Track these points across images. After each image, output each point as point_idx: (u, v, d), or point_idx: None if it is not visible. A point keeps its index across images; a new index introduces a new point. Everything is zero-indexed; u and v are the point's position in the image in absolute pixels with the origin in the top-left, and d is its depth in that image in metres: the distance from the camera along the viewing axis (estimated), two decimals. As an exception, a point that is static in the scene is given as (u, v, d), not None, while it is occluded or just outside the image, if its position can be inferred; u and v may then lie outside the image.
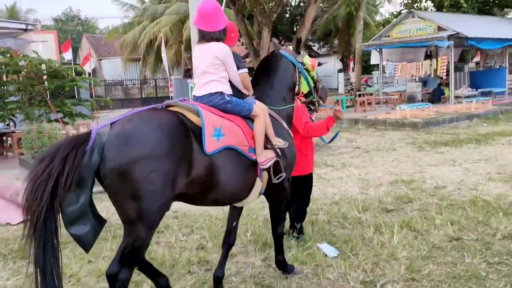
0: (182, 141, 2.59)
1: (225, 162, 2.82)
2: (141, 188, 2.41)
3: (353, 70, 25.40)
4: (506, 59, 19.65)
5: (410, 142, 10.17)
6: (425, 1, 26.55)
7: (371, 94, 19.17)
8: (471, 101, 14.89)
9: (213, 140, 2.73)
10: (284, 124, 3.40)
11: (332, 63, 34.51)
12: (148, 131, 2.48)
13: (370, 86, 25.96)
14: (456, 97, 17.14)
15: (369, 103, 17.07)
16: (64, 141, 2.43)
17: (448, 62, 16.64)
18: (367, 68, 31.49)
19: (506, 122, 12.55)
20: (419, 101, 17.83)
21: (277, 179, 3.16)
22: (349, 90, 24.29)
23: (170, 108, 2.88)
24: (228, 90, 3.05)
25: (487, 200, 5.21)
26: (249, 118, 3.08)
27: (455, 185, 6.09)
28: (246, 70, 3.23)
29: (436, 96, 17.52)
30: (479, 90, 18.06)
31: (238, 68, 3.14)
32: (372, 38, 21.88)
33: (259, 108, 3.10)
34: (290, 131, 3.48)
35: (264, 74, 3.53)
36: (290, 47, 3.75)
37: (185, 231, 4.77)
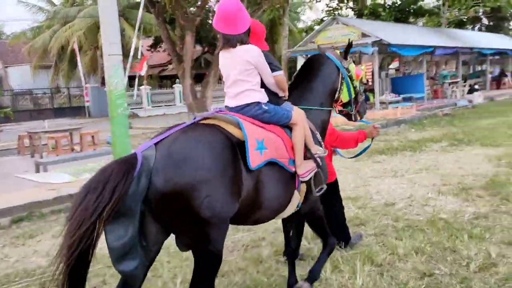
0: (231, 159, 2.38)
1: (267, 178, 2.58)
2: (196, 216, 2.22)
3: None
4: (424, 66, 20.43)
5: (345, 151, 9.72)
6: (345, 9, 27.22)
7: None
8: (397, 107, 15.05)
9: (256, 154, 2.49)
10: (317, 133, 3.09)
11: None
12: (199, 153, 2.27)
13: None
14: (381, 103, 17.36)
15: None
16: (112, 167, 2.16)
17: (373, 69, 16.81)
18: (292, 76, 31.56)
19: (432, 127, 12.67)
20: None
21: (318, 191, 2.94)
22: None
23: (208, 121, 2.58)
24: (264, 98, 2.79)
25: (445, 219, 4.69)
26: (287, 127, 2.81)
27: (405, 201, 5.57)
28: (281, 71, 2.95)
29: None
30: (401, 95, 18.50)
31: (272, 70, 2.87)
32: (297, 44, 21.75)
33: (298, 115, 2.83)
34: (322, 141, 3.14)
35: (305, 76, 3.28)
36: (337, 51, 3.45)
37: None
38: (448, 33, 24.01)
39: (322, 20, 25.45)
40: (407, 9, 24.69)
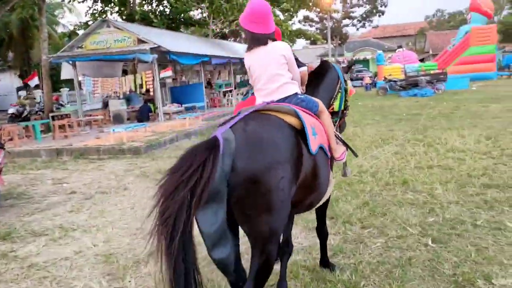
0: (296, 144, 2.43)
1: (320, 162, 2.64)
2: (274, 198, 2.19)
3: (39, 87, 21.35)
4: (202, 75, 20.25)
5: (140, 174, 8.12)
6: (111, 14, 25.09)
7: (67, 116, 16.04)
8: (185, 118, 14.10)
9: (313, 139, 2.56)
10: None
11: (9, 80, 28.75)
12: (274, 137, 2.31)
13: (62, 105, 22.35)
14: (165, 113, 16.20)
15: (69, 126, 13.93)
16: (198, 146, 2.14)
17: (153, 77, 15.48)
18: (53, 85, 27.57)
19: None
20: (127, 119, 16.02)
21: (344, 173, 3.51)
22: (37, 112, 19.98)
23: (264, 112, 2.54)
24: (299, 89, 2.93)
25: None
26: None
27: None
28: (306, 67, 3.24)
29: (144, 114, 16.06)
30: (183, 105, 17.75)
31: (298, 66, 3.01)
32: (61, 50, 18.62)
33: (321, 104, 2.98)
34: None
35: (314, 79, 3.42)
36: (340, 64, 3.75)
37: None
38: (220, 44, 24.69)
39: (87, 24, 22.73)
40: (178, 18, 24.32)
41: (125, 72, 18.68)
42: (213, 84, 24.15)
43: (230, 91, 23.17)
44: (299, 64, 3.06)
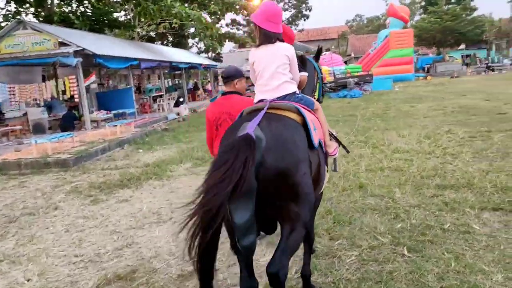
0: (306, 140, 2.61)
1: (320, 156, 2.79)
2: (300, 190, 2.40)
3: None
4: (131, 79, 19.23)
5: (72, 190, 7.32)
6: (26, 15, 23.11)
7: (-21, 126, 14.38)
8: (116, 125, 13.19)
9: (315, 134, 2.70)
10: None
11: None
12: (294, 135, 2.50)
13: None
14: (92, 121, 15.11)
15: (-18, 139, 12.45)
16: (237, 143, 2.24)
17: (78, 82, 14.35)
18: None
19: (161, 145, 11.46)
20: (49, 129, 14.71)
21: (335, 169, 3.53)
22: None
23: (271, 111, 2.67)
24: (297, 89, 3.04)
25: None
26: None
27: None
28: (306, 73, 3.42)
29: (68, 122, 14.84)
30: (112, 112, 16.69)
31: (299, 70, 3.20)
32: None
33: (317, 102, 3.14)
34: None
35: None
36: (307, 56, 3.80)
37: None
38: (148, 47, 23.71)
39: (0, 26, 20.72)
40: (102, 19, 22.96)
41: (44, 78, 17.20)
42: (142, 89, 23.12)
43: (161, 96, 22.30)
44: (300, 69, 3.23)
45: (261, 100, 2.89)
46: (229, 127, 2.75)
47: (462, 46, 48.29)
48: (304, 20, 50.57)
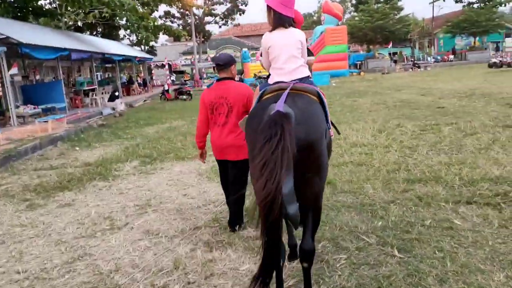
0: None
1: (329, 135, 2.99)
2: (322, 160, 2.67)
3: None
4: (60, 71, 17.79)
5: (1, 194, 6.44)
6: None
7: None
8: (46, 121, 12.04)
9: (328, 115, 2.93)
10: None
11: None
12: (318, 112, 2.71)
13: None
14: (19, 117, 13.75)
15: None
16: (281, 118, 2.37)
17: (2, 74, 12.94)
18: None
19: (100, 142, 10.58)
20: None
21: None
22: None
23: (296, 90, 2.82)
24: (309, 72, 3.14)
25: None
26: None
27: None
28: (314, 57, 3.72)
29: (-10, 118, 13.39)
30: (40, 107, 15.31)
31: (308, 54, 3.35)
32: None
33: None
34: None
35: None
36: None
37: None
38: (78, 37, 22.16)
39: None
40: (25, 7, 21.06)
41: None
42: (72, 82, 21.59)
43: (93, 89, 20.95)
44: (309, 53, 3.40)
45: (277, 82, 2.94)
46: (256, 106, 2.89)
47: (390, 44, 50.58)
48: (240, 14, 50.14)
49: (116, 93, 20.16)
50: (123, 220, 4.92)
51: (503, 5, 48.64)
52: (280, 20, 3.02)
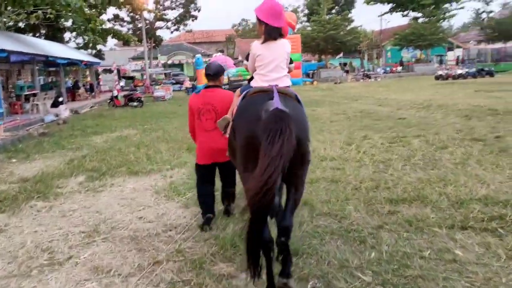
0: None
1: None
2: (308, 156, 3.05)
3: None
4: (-3, 74, 16.25)
5: None
6: None
7: None
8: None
9: None
10: None
11: None
12: (303, 114, 3.10)
13: None
14: None
15: None
16: (285, 115, 2.66)
17: None
18: None
19: (40, 154, 9.47)
20: None
21: None
22: None
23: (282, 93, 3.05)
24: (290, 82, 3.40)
25: None
26: None
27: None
28: (293, 64, 3.71)
29: None
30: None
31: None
32: None
33: None
34: None
35: None
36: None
37: None
38: (19, 38, 20.52)
39: None
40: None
41: None
42: (11, 86, 19.88)
43: (35, 94, 19.39)
44: (290, 60, 3.50)
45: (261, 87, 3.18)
46: (247, 100, 3.14)
47: (340, 54, 51.57)
48: (192, 20, 49.26)
49: (60, 99, 18.71)
50: (65, 253, 4.09)
51: (446, 20, 51.14)
52: (270, 31, 3.23)
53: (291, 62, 3.52)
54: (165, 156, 8.16)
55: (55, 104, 18.42)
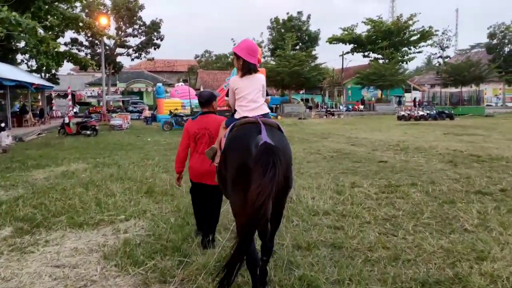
0: None
1: None
2: (292, 182, 3.50)
3: None
4: None
5: None
6: None
7: None
8: None
9: None
10: None
11: None
12: (287, 142, 3.48)
13: None
14: None
15: None
16: (275, 149, 3.04)
17: None
18: None
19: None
20: None
21: None
22: None
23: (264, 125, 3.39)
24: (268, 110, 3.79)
25: None
26: None
27: None
28: (269, 96, 4.13)
29: None
30: None
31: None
32: None
33: None
34: None
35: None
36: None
37: None
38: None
39: None
40: None
41: None
42: None
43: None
44: (266, 92, 3.90)
45: (244, 117, 3.54)
46: (235, 132, 3.45)
47: (302, 90, 51.66)
48: (155, 49, 47.90)
49: (2, 124, 16.76)
50: None
51: (404, 62, 52.72)
52: (248, 67, 3.67)
53: (267, 94, 3.90)
54: (120, 201, 6.71)
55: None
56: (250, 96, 3.59)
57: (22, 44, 30.28)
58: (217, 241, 4.81)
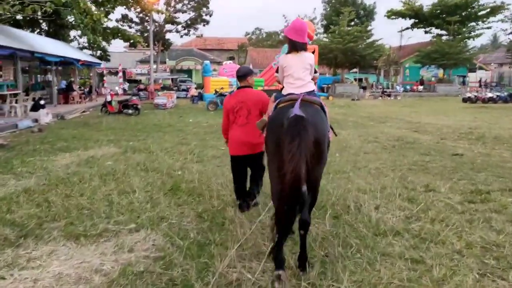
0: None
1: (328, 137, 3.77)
2: (325, 155, 3.51)
3: None
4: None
5: None
6: None
7: None
8: None
9: (328, 120, 3.76)
10: None
11: None
12: (321, 117, 3.53)
13: None
14: None
15: None
16: (303, 119, 3.21)
17: None
18: None
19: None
20: None
21: None
22: None
23: (305, 100, 3.57)
24: (315, 87, 3.94)
25: None
26: None
27: None
28: (318, 74, 4.43)
29: None
30: None
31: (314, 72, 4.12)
32: None
33: None
34: None
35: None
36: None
37: None
38: (2, 30, 18.04)
39: None
40: None
41: None
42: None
43: (15, 95, 16.92)
44: (315, 70, 4.10)
45: (289, 94, 3.72)
46: (275, 112, 3.65)
47: (356, 69, 48.92)
48: (204, 25, 46.81)
49: (42, 102, 16.25)
50: None
51: (471, 39, 48.33)
52: (294, 45, 3.87)
53: (315, 72, 4.07)
54: (135, 201, 5.52)
55: (35, 107, 15.96)
56: (297, 74, 3.81)
57: (72, 19, 30.05)
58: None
